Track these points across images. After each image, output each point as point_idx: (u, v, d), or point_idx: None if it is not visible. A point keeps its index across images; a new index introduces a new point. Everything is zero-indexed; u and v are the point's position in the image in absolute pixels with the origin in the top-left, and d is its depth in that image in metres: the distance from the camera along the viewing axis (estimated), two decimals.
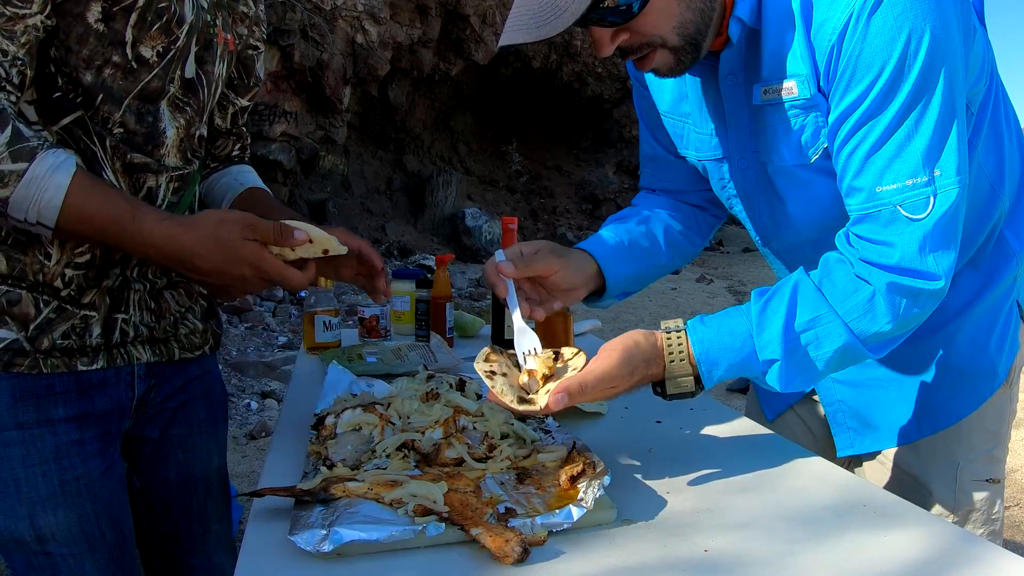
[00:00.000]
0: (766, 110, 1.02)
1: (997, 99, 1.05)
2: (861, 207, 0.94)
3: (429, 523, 0.79)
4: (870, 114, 0.91)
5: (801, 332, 0.93)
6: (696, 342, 0.95)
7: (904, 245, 0.91)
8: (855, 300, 0.92)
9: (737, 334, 0.95)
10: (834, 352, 0.94)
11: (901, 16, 0.87)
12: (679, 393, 0.96)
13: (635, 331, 0.97)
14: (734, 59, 1.02)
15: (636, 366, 0.93)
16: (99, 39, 1.03)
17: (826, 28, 0.91)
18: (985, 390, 1.16)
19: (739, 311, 0.97)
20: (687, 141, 1.20)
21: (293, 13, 9.37)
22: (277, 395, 4.42)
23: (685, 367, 0.94)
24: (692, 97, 1.14)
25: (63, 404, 1.08)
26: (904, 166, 0.90)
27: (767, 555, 0.78)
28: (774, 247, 1.20)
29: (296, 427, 1.18)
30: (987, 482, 1.17)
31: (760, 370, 0.95)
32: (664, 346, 0.95)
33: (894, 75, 0.88)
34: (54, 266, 1.06)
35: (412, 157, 13.01)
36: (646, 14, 0.92)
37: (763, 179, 1.10)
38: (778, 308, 0.94)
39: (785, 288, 0.95)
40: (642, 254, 1.25)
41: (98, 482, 1.11)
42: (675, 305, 8.30)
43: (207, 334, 1.32)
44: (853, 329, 0.93)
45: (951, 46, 0.89)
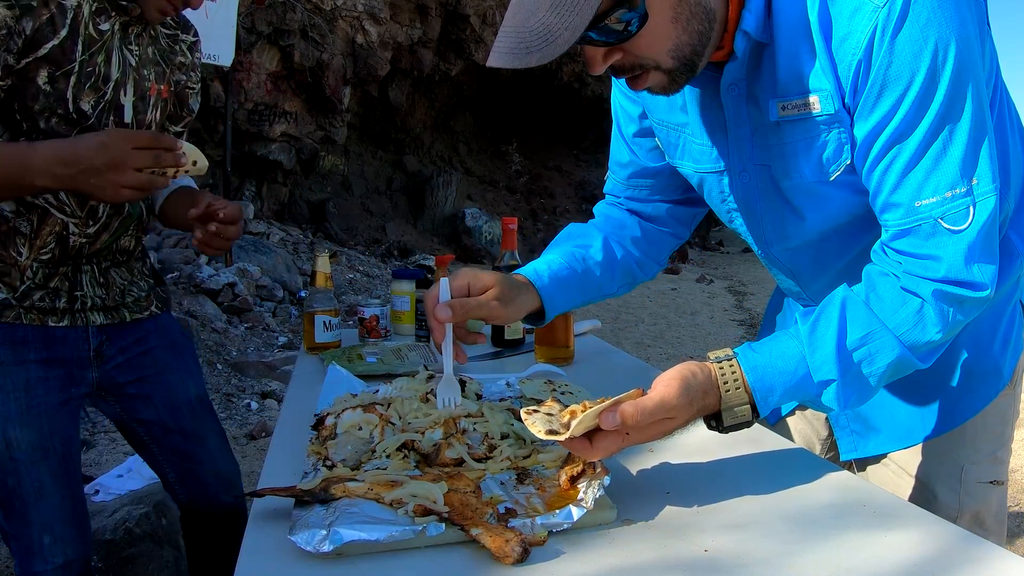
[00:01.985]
0: (784, 126, 1.00)
1: (1002, 101, 1.05)
2: (900, 222, 0.92)
3: (429, 523, 0.80)
4: (903, 128, 0.89)
5: (854, 350, 0.91)
6: (749, 369, 0.92)
7: (950, 258, 0.90)
8: (904, 313, 0.91)
9: (790, 357, 0.92)
10: (887, 366, 0.92)
11: (927, 27, 0.85)
12: (736, 424, 0.92)
13: (690, 362, 0.93)
14: (737, 71, 1.00)
15: (694, 396, 0.89)
16: (47, 96, 1.35)
17: (850, 42, 0.89)
18: (989, 391, 1.16)
19: (788, 334, 0.94)
20: (683, 152, 1.17)
21: (293, 13, 9.37)
22: (277, 395, 4.42)
23: (741, 396, 0.91)
24: (690, 107, 1.12)
25: (34, 350, 1.45)
26: (943, 178, 0.89)
27: (767, 555, 0.78)
28: (773, 252, 1.18)
29: (296, 427, 1.18)
30: (991, 484, 1.17)
31: (815, 392, 0.93)
32: (718, 376, 0.91)
33: (925, 87, 0.87)
34: (24, 260, 1.44)
35: (412, 157, 13.01)
36: (641, 36, 0.90)
37: (769, 192, 1.08)
38: (828, 327, 0.91)
39: (833, 306, 0.93)
40: (591, 283, 1.24)
41: (55, 409, 1.47)
42: (675, 305, 8.30)
43: (151, 298, 1.67)
44: (905, 342, 0.91)
45: (974, 52, 0.88)
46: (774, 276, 1.28)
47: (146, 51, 1.52)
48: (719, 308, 8.26)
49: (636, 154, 1.30)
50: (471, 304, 1.05)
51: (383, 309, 1.96)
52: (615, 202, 1.37)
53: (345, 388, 1.31)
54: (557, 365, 1.59)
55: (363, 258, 9.57)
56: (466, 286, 1.07)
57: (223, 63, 6.09)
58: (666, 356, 5.96)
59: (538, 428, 0.85)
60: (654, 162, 1.27)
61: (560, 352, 1.68)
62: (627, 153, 1.31)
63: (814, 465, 1.03)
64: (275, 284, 6.63)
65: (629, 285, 1.32)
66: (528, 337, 1.86)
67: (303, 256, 8.29)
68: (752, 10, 0.94)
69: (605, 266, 1.25)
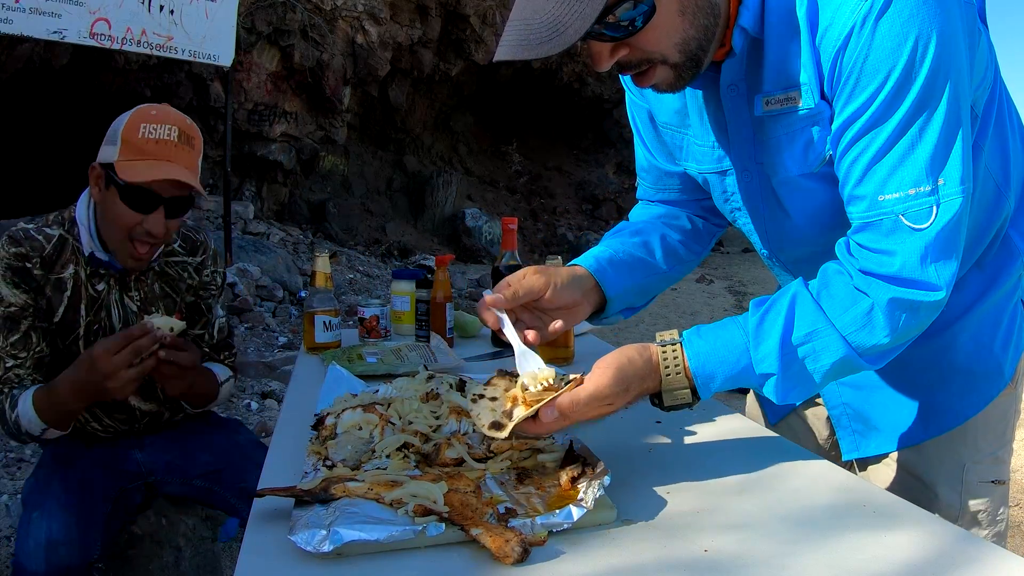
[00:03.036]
0: (767, 121, 1.00)
1: (1001, 100, 1.05)
2: (863, 215, 0.93)
3: (429, 523, 0.80)
4: (874, 121, 0.89)
5: (798, 345, 0.92)
6: (692, 355, 0.94)
7: (905, 254, 0.89)
8: (853, 313, 0.91)
9: (733, 347, 0.94)
10: (831, 365, 0.93)
11: (908, 22, 0.85)
12: (676, 405, 0.96)
13: (628, 346, 0.96)
14: (736, 69, 1.00)
15: (630, 383, 0.93)
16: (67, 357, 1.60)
17: (831, 33, 0.90)
18: (991, 390, 1.15)
19: (735, 323, 0.96)
20: (687, 153, 1.17)
21: (293, 13, 9.37)
22: (277, 395, 4.42)
23: (681, 380, 0.94)
24: (692, 108, 1.12)
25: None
26: (907, 175, 0.89)
27: (767, 555, 0.78)
28: (782, 260, 1.18)
29: (296, 427, 1.18)
30: (992, 483, 1.17)
31: (756, 383, 0.95)
32: (659, 360, 0.94)
33: (900, 82, 0.87)
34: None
35: (412, 157, 13.01)
36: (649, 30, 0.89)
37: (768, 191, 1.08)
38: (775, 321, 0.93)
39: (782, 300, 0.94)
40: (640, 265, 1.22)
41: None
42: (675, 305, 8.30)
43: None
44: (851, 342, 0.92)
45: (957, 51, 0.88)
46: (776, 276, 1.28)
47: (152, 289, 1.75)
48: (719, 308, 8.26)
49: (655, 157, 1.30)
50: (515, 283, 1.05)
51: (383, 309, 1.96)
52: (651, 203, 1.36)
53: (345, 388, 1.31)
54: (557, 365, 1.59)
55: (363, 258, 9.57)
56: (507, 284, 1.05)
57: (223, 63, 6.09)
58: None
59: (482, 421, 0.92)
60: (671, 164, 1.27)
61: (560, 352, 1.68)
62: (647, 157, 1.31)
63: (814, 465, 1.03)
64: (275, 284, 6.63)
65: (678, 266, 1.29)
66: None
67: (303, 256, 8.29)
68: (749, 7, 0.94)
69: (648, 249, 1.24)
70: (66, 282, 1.62)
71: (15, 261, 1.58)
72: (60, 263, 1.62)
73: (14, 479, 3.04)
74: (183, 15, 5.66)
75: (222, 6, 5.93)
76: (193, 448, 1.87)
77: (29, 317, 1.60)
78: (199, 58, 5.94)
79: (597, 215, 13.79)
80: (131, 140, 1.53)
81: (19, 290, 1.59)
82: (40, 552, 1.52)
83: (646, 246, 1.24)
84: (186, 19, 5.69)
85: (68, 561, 1.53)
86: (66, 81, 8.02)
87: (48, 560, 1.52)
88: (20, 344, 1.60)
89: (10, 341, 1.59)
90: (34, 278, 1.60)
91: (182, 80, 8.84)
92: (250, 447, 1.94)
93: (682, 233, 1.29)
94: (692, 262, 1.32)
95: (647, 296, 1.27)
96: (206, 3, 5.82)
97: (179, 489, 1.88)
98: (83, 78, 8.15)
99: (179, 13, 5.63)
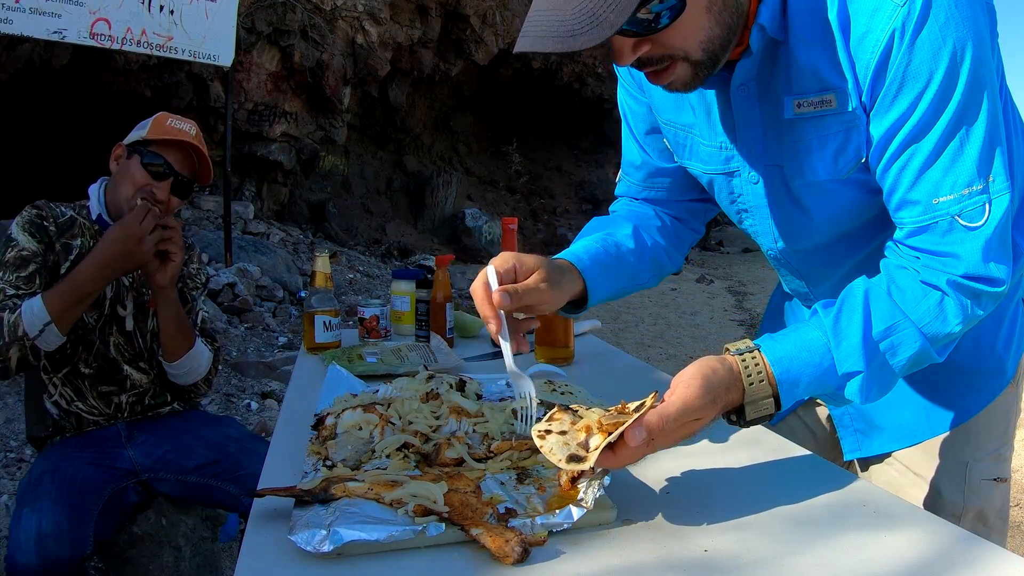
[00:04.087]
0: (799, 123, 0.99)
1: (1006, 102, 1.05)
2: (917, 220, 0.92)
3: (429, 523, 0.79)
4: (921, 127, 0.90)
5: (879, 341, 0.91)
6: (774, 361, 0.90)
7: (968, 255, 0.90)
8: (926, 305, 0.91)
9: (815, 348, 0.90)
10: (909, 358, 0.92)
11: (945, 26, 0.86)
12: (759, 417, 0.90)
13: (707, 357, 0.90)
14: (749, 69, 1.00)
15: (717, 394, 0.87)
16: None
17: (868, 40, 0.89)
18: (993, 388, 1.15)
19: (811, 325, 0.93)
20: (691, 152, 1.16)
21: (293, 13, 9.37)
22: (277, 395, 4.42)
23: (765, 388, 0.89)
24: (699, 107, 1.11)
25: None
26: (960, 176, 0.89)
27: (767, 555, 0.78)
28: (786, 255, 1.18)
29: (296, 427, 1.18)
30: (995, 481, 1.17)
31: (837, 384, 0.92)
32: (740, 369, 0.89)
33: (943, 86, 0.87)
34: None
35: (412, 157, 13.01)
36: (676, 27, 0.88)
37: (780, 191, 1.08)
38: (852, 318, 0.91)
39: (855, 297, 0.92)
40: (626, 271, 1.21)
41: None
42: (675, 305, 8.30)
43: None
44: (926, 333, 0.91)
45: (988, 54, 0.89)
46: (781, 277, 1.28)
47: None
48: (719, 308, 8.26)
49: (649, 154, 1.28)
50: (522, 290, 1.00)
51: (383, 309, 1.96)
52: (633, 202, 1.35)
53: (345, 388, 1.31)
54: (557, 365, 1.59)
55: (363, 258, 9.57)
56: (512, 269, 1.02)
57: (223, 63, 6.09)
58: (666, 356, 5.96)
59: (557, 457, 0.82)
60: (667, 163, 1.26)
61: (560, 352, 1.68)
62: (640, 154, 1.29)
63: (814, 465, 1.03)
64: (275, 284, 6.63)
65: (658, 276, 1.29)
66: (528, 337, 1.86)
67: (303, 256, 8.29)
68: (769, 5, 0.94)
69: (637, 253, 1.22)
70: (72, 248, 1.82)
71: (35, 218, 1.80)
72: (70, 233, 1.83)
73: (14, 479, 3.04)
74: (183, 15, 5.67)
75: (222, 6, 5.93)
76: (185, 443, 1.91)
77: (38, 262, 1.76)
78: (199, 58, 5.94)
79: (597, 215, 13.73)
80: (159, 125, 1.84)
81: (34, 239, 1.77)
82: (31, 545, 1.55)
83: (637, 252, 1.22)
84: (186, 19, 5.69)
85: (58, 554, 1.55)
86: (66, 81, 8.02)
87: (38, 553, 1.54)
88: (25, 280, 1.74)
89: (17, 276, 1.73)
90: (48, 234, 1.79)
91: (182, 80, 8.84)
92: (244, 438, 1.98)
93: (665, 238, 1.28)
94: (669, 270, 1.30)
95: (617, 298, 1.25)
96: (206, 3, 5.82)
97: (175, 487, 1.90)
98: (83, 78, 8.15)
99: (179, 13, 5.63)
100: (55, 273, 1.77)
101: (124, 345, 1.89)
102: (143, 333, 1.91)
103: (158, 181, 1.80)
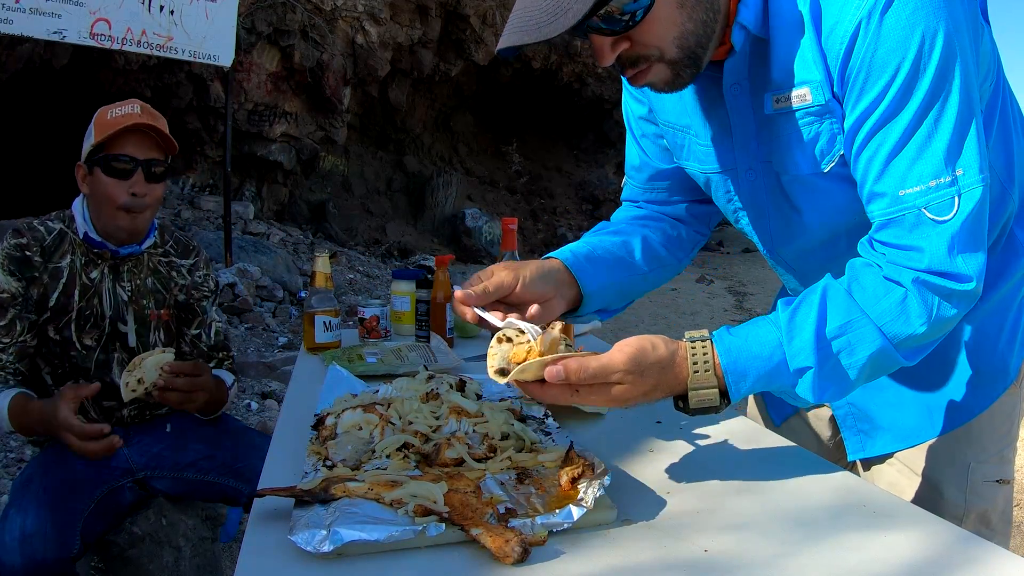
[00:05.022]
0: (778, 119, 1.00)
1: (1005, 98, 1.04)
2: (884, 212, 0.92)
3: (429, 523, 0.80)
4: (888, 116, 0.89)
5: (833, 339, 0.89)
6: (723, 351, 0.89)
7: (932, 248, 0.88)
8: (887, 303, 0.90)
9: (766, 343, 0.90)
10: (867, 359, 0.90)
11: (913, 15, 0.85)
12: (703, 408, 0.90)
13: (658, 336, 0.91)
14: (739, 68, 1.00)
15: (647, 368, 0.87)
16: (58, 344, 1.77)
17: (837, 31, 0.90)
18: (996, 388, 1.15)
19: (766, 320, 0.93)
20: (688, 153, 1.17)
21: (293, 14, 9.37)
22: (277, 395, 4.42)
23: (710, 378, 0.89)
24: (693, 108, 1.11)
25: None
26: (927, 167, 0.88)
27: (767, 555, 0.78)
28: (783, 255, 1.18)
29: (296, 427, 1.18)
30: (998, 482, 1.16)
31: (790, 381, 0.91)
32: (688, 355, 0.89)
33: (910, 75, 0.87)
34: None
35: (412, 157, 13.01)
36: (648, 22, 0.89)
37: (775, 190, 1.08)
38: (808, 314, 0.90)
39: (813, 294, 0.92)
40: (619, 264, 1.20)
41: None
42: (675, 305, 8.30)
43: None
44: (886, 333, 0.90)
45: (963, 43, 0.88)
46: (780, 277, 1.28)
47: (145, 282, 1.86)
48: (719, 308, 8.26)
49: (648, 156, 1.29)
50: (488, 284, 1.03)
51: (383, 309, 1.96)
52: (635, 205, 1.36)
53: (345, 388, 1.31)
54: None
55: (363, 258, 9.57)
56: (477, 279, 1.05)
57: (223, 63, 6.09)
58: None
59: (493, 364, 0.90)
60: (666, 163, 1.27)
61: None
62: (640, 156, 1.30)
63: (814, 465, 1.03)
64: (275, 284, 6.63)
65: (662, 272, 1.28)
66: None
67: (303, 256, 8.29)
68: (749, 4, 0.95)
69: (628, 248, 1.23)
70: (62, 270, 1.75)
71: (15, 251, 1.71)
72: (59, 253, 1.75)
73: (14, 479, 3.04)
74: (183, 15, 5.66)
75: (222, 6, 5.93)
76: (182, 441, 1.91)
77: (17, 306, 1.71)
78: (199, 58, 5.94)
79: (597, 215, 13.78)
80: (102, 122, 1.72)
81: (13, 278, 1.70)
82: (16, 545, 1.55)
83: (626, 245, 1.23)
84: (186, 19, 5.69)
85: (43, 555, 1.55)
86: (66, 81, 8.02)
87: (23, 553, 1.54)
88: (3, 330, 1.70)
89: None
90: (32, 266, 1.72)
91: (182, 80, 8.85)
92: (239, 431, 1.98)
93: (664, 236, 1.28)
94: (673, 267, 1.30)
95: (625, 298, 1.24)
96: (206, 3, 5.82)
97: (172, 484, 1.90)
98: (83, 78, 8.15)
99: (179, 13, 5.63)
100: (42, 305, 1.73)
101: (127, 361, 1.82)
102: (146, 347, 1.86)
103: (127, 179, 1.71)
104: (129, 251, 1.80)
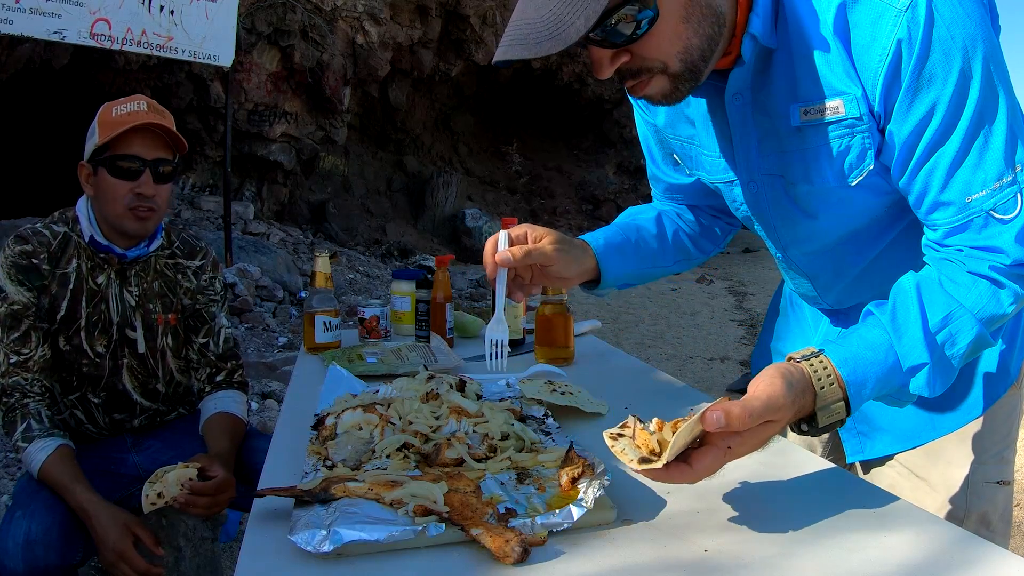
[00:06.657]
0: (807, 131, 0.99)
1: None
2: (952, 220, 0.92)
3: (429, 523, 0.80)
4: (944, 128, 0.89)
5: (937, 332, 0.90)
6: (840, 362, 0.87)
7: (1008, 246, 0.90)
8: (977, 291, 0.91)
9: (877, 347, 0.89)
10: (967, 346, 0.91)
11: (952, 26, 0.86)
12: (830, 424, 0.87)
13: (776, 363, 0.87)
14: (743, 78, 0.99)
15: (796, 395, 0.83)
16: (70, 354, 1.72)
17: (875, 48, 0.89)
18: (996, 390, 1.15)
19: (869, 324, 0.91)
20: (696, 163, 1.17)
21: (293, 14, 9.37)
22: (277, 395, 4.42)
23: (836, 392, 0.86)
24: (698, 119, 1.11)
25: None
26: (990, 171, 0.89)
27: (767, 555, 0.78)
28: (791, 256, 1.18)
29: (296, 427, 1.18)
30: (998, 484, 1.16)
31: (903, 380, 0.90)
32: (811, 373, 0.86)
33: (960, 85, 0.87)
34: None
35: (412, 158, 13.01)
36: (651, 36, 0.87)
37: (779, 199, 1.08)
38: (909, 311, 0.90)
39: (908, 292, 0.92)
40: (646, 253, 1.26)
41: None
42: (675, 305, 8.30)
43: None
44: (981, 319, 0.91)
45: (996, 45, 0.89)
46: (790, 280, 1.28)
47: (151, 286, 1.80)
48: (719, 308, 8.25)
49: (661, 168, 1.33)
50: (531, 247, 1.06)
51: (383, 309, 1.96)
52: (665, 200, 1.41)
53: (345, 388, 1.31)
54: (557, 365, 1.59)
55: (363, 258, 9.57)
56: (524, 235, 1.09)
57: (223, 63, 6.09)
58: (666, 356, 5.96)
59: (629, 457, 0.81)
60: (679, 174, 1.30)
61: (560, 352, 1.68)
62: (653, 167, 1.35)
63: (814, 466, 1.03)
64: (275, 284, 6.63)
65: (685, 261, 1.35)
66: (528, 337, 1.86)
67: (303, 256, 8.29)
68: (760, 14, 0.93)
69: (661, 239, 1.29)
70: (70, 276, 1.70)
71: (21, 259, 1.66)
72: (65, 258, 1.70)
73: (14, 479, 3.04)
74: (183, 15, 5.67)
75: (222, 6, 5.93)
76: (189, 447, 1.87)
77: (31, 316, 1.67)
78: (199, 58, 5.94)
79: (597, 215, 13.79)
80: (106, 120, 1.65)
81: (23, 288, 1.66)
82: (18, 551, 1.51)
83: (660, 236, 1.29)
84: (186, 19, 5.69)
85: (45, 562, 1.51)
86: (66, 81, 8.02)
87: (25, 559, 1.51)
88: (20, 341, 1.66)
89: (11, 337, 1.65)
90: (40, 274, 1.67)
91: (182, 80, 8.85)
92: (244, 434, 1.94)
93: (696, 229, 1.34)
94: (700, 258, 1.36)
95: (643, 280, 1.30)
96: (206, 3, 5.82)
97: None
98: (83, 78, 8.16)
99: (179, 13, 5.63)
100: (53, 314, 1.68)
101: (138, 368, 1.80)
102: (154, 352, 1.82)
103: (135, 180, 1.65)
104: (137, 254, 1.74)
